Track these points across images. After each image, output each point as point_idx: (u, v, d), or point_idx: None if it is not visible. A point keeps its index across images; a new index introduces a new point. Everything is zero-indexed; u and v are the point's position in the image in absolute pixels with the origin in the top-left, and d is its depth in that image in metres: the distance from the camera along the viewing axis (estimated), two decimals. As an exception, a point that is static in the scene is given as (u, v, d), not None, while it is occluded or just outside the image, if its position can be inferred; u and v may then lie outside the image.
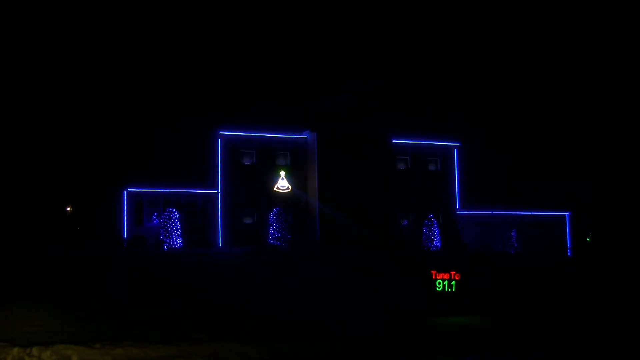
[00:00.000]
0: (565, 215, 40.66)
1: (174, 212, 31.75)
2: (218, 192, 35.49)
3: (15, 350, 14.08)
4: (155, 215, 34.62)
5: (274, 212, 33.23)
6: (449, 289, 23.14)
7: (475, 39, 65.10)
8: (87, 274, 23.63)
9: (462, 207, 38.91)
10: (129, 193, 34.52)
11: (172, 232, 31.31)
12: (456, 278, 23.30)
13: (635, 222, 45.85)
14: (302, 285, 24.21)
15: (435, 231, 34.96)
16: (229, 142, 35.89)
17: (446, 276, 23.32)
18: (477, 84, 57.36)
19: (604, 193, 48.91)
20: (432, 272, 23.42)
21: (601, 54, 61.75)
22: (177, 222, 31.66)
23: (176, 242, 31.38)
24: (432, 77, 57.08)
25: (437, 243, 34.81)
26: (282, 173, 36.05)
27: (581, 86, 57.88)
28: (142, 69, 52.67)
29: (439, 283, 23.23)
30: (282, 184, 35.95)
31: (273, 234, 32.85)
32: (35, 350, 14.13)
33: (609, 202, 48.33)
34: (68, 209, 44.60)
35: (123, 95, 48.88)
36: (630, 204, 48.34)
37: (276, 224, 32.93)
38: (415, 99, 51.36)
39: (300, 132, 36.91)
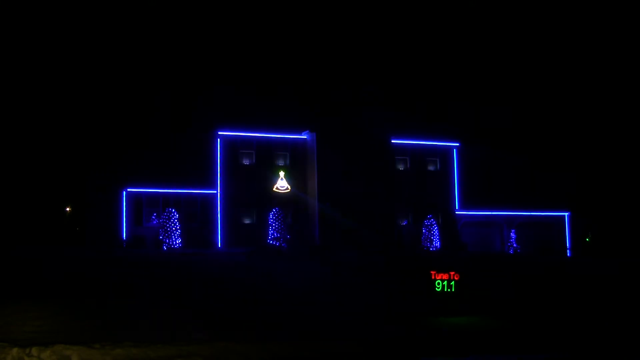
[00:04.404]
0: (565, 215, 40.67)
1: (174, 213, 31.76)
2: (217, 192, 35.49)
3: (15, 350, 14.05)
4: (154, 216, 34.62)
5: (274, 212, 33.25)
6: (449, 290, 23.10)
7: (474, 38, 65.11)
8: (87, 274, 23.64)
9: (462, 207, 38.93)
10: (128, 193, 34.51)
11: (171, 233, 31.31)
12: (456, 278, 23.25)
13: (636, 222, 45.88)
14: (302, 285, 24.22)
15: (434, 231, 34.96)
16: (228, 142, 35.90)
17: (446, 276, 23.26)
18: (477, 83, 57.40)
19: (604, 193, 48.96)
20: (432, 272, 23.39)
21: (601, 53, 61.76)
22: (176, 222, 31.67)
23: (176, 242, 31.38)
24: (432, 77, 57.11)
25: (436, 243, 34.81)
26: (282, 173, 36.10)
27: (581, 85, 57.90)
28: (141, 68, 52.66)
29: (439, 283, 23.18)
30: (282, 184, 36.00)
31: (272, 234, 32.86)
32: (34, 351, 14.09)
33: (609, 202, 48.38)
34: (68, 209, 44.61)
35: (122, 95, 48.87)
36: (630, 204, 48.36)
37: (275, 225, 32.96)
38: (415, 99, 51.40)
39: (299, 132, 36.92)
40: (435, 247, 34.61)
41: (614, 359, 18.10)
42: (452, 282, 23.16)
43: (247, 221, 36.00)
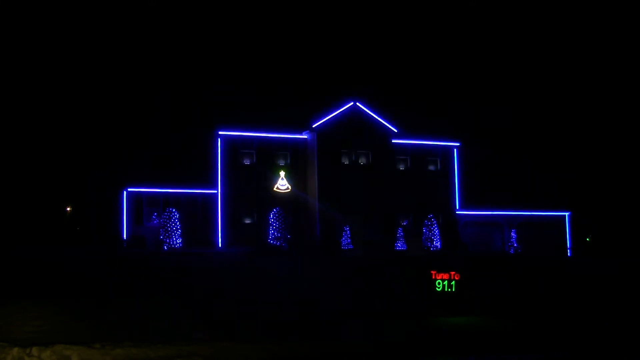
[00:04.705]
0: (565, 215, 40.66)
1: (174, 212, 31.74)
2: (218, 192, 35.48)
3: (15, 350, 14.07)
4: (155, 215, 34.63)
5: (274, 212, 33.22)
6: (449, 289, 23.15)
7: (474, 38, 65.11)
8: (87, 274, 23.65)
9: (462, 207, 38.92)
10: (128, 193, 34.50)
11: (172, 232, 31.30)
12: (456, 278, 23.31)
13: (636, 222, 45.87)
14: (302, 285, 24.23)
15: (435, 231, 34.96)
16: (229, 142, 35.90)
17: (446, 276, 23.33)
18: (477, 83, 57.41)
19: (604, 193, 48.97)
20: (432, 272, 23.43)
21: (601, 53, 61.76)
22: (177, 222, 31.65)
23: (176, 242, 31.36)
24: (432, 77, 57.13)
25: (437, 243, 34.81)
26: (282, 173, 36.10)
27: (581, 85, 57.91)
28: (142, 68, 52.67)
29: (439, 283, 23.23)
30: (282, 183, 35.99)
31: (273, 234, 32.84)
32: (35, 350, 14.11)
33: (609, 202, 48.38)
34: (68, 209, 44.62)
35: (123, 95, 48.89)
36: (631, 204, 48.37)
37: (276, 224, 32.92)
38: (415, 99, 51.40)
39: (300, 132, 36.91)
40: (436, 247, 34.61)
41: (614, 359, 18.12)
42: (453, 282, 23.21)
43: (247, 221, 35.98)
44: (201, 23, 63.82)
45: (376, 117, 36.97)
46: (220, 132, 35.62)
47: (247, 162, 36.36)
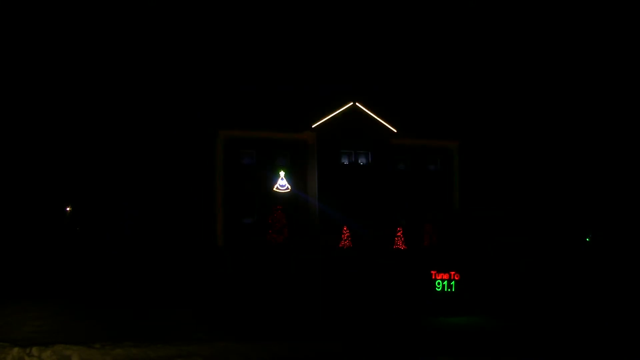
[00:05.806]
0: (565, 214, 40.68)
1: (174, 212, 31.79)
2: (218, 191, 35.51)
3: (15, 350, 14.07)
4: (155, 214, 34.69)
5: (274, 212, 33.25)
6: (449, 289, 23.13)
7: (474, 37, 65.13)
8: (88, 274, 23.69)
9: (462, 207, 38.95)
10: (129, 192, 34.55)
11: (173, 232, 31.36)
12: (456, 278, 23.28)
13: (636, 221, 45.90)
14: (302, 285, 24.26)
15: (434, 231, 34.98)
16: (229, 141, 35.92)
17: (446, 276, 23.29)
18: (477, 83, 57.43)
19: (604, 193, 48.98)
20: (432, 272, 23.41)
21: (601, 52, 61.78)
22: (177, 221, 31.70)
23: (177, 241, 31.42)
24: (432, 76, 57.15)
25: (436, 243, 34.84)
26: (282, 173, 36.12)
27: (582, 84, 57.93)
28: (141, 68, 52.70)
29: (439, 283, 23.21)
30: (282, 184, 36.02)
31: (272, 234, 32.86)
32: (35, 350, 14.11)
33: (609, 202, 48.40)
34: (68, 209, 44.66)
35: (122, 94, 48.92)
36: (631, 204, 48.39)
37: (276, 224, 32.95)
38: (415, 98, 51.43)
39: (300, 132, 36.93)
40: (435, 247, 34.64)
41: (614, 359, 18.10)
42: (452, 282, 23.18)
43: (247, 221, 36.03)
44: (202, 22, 63.85)
45: (376, 117, 36.98)
46: (220, 132, 35.65)
47: (247, 161, 36.37)
